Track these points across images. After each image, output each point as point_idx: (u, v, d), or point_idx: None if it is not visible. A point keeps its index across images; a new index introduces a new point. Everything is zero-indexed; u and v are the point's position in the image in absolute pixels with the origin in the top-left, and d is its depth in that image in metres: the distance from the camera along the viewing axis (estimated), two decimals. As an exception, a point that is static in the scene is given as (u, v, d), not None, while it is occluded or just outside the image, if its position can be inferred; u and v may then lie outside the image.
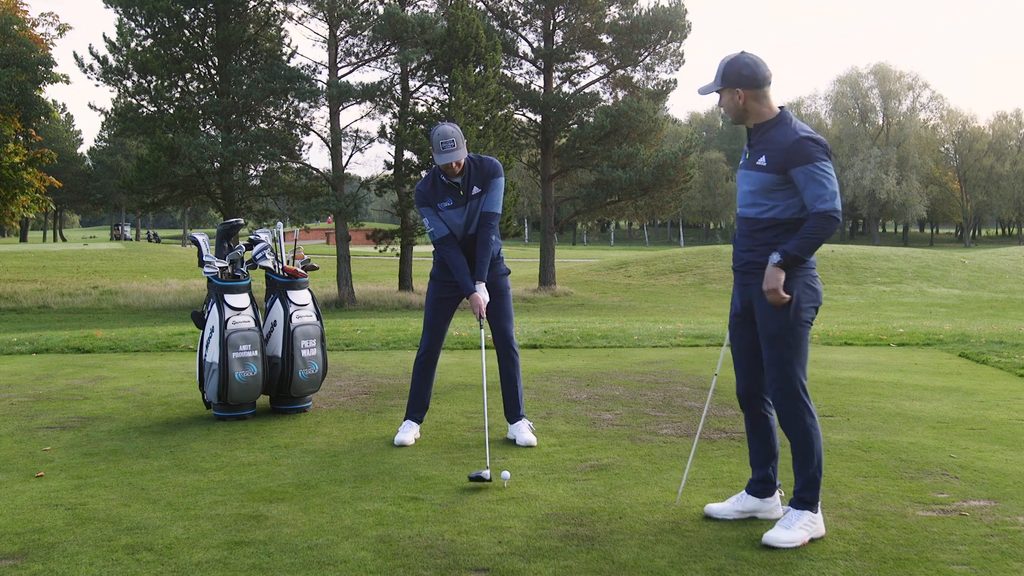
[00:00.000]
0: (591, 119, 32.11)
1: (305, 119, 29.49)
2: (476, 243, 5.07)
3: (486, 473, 4.24)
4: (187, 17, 28.27)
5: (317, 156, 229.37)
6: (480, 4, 31.80)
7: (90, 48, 28.39)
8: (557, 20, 32.55)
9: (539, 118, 33.03)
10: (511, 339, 5.24)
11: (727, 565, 3.25)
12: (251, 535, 3.58)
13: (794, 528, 3.45)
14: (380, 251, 31.43)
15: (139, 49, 28.11)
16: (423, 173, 27.56)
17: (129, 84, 28.69)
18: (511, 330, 5.25)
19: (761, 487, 3.76)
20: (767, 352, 3.56)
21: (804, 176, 3.40)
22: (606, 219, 63.25)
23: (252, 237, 6.22)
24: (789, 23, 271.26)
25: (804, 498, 3.52)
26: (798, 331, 3.50)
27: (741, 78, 3.51)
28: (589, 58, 33.59)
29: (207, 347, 5.76)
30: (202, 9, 28.27)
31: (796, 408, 3.53)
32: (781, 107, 3.57)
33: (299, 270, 6.19)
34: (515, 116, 32.11)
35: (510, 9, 32.93)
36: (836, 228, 3.42)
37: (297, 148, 29.47)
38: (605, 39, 32.62)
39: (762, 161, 3.51)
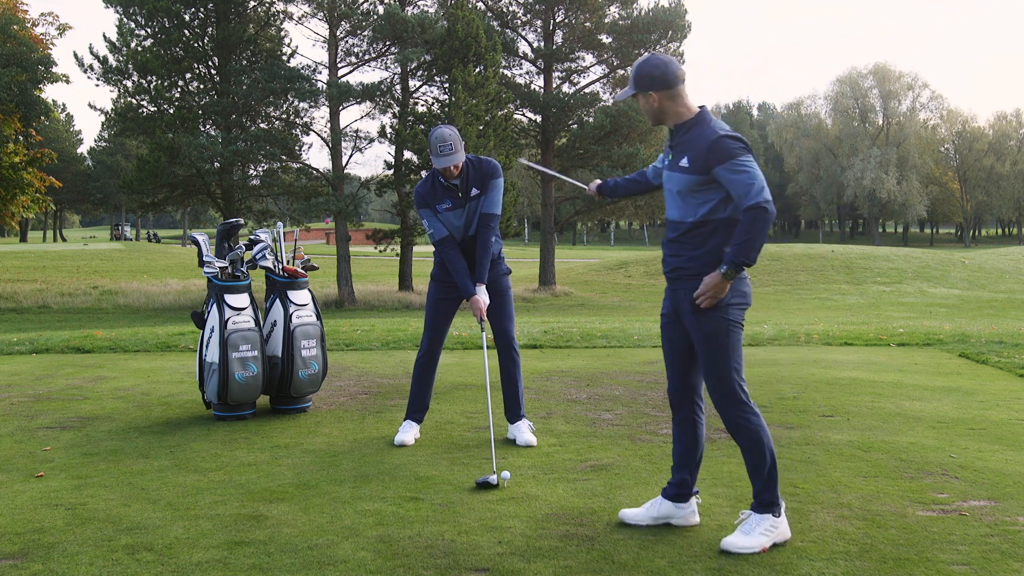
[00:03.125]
0: (591, 119, 32.12)
1: (305, 119, 29.52)
2: (476, 244, 5.07)
3: (493, 478, 4.22)
4: (187, 17, 28.26)
5: (317, 156, 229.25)
6: (480, 4, 31.80)
7: (90, 48, 28.42)
8: (557, 20, 32.55)
9: (539, 118, 33.04)
10: (512, 339, 5.24)
11: (727, 565, 3.25)
12: (251, 535, 3.58)
13: (754, 534, 3.40)
14: (380, 251, 31.44)
15: (139, 49, 28.11)
16: (423, 173, 27.55)
17: (129, 84, 28.69)
18: (512, 330, 5.25)
19: (677, 491, 3.67)
20: (702, 358, 3.51)
21: (727, 174, 3.36)
22: (606, 219, 63.25)
23: (252, 237, 6.22)
24: (789, 23, 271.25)
25: (763, 500, 3.47)
26: (730, 333, 3.45)
27: (653, 80, 3.47)
28: (589, 58, 33.62)
29: (207, 347, 5.76)
30: (202, 9, 28.27)
31: (738, 410, 3.48)
32: (701, 106, 3.53)
33: (299, 270, 6.19)
34: (515, 116, 32.13)
35: (510, 9, 32.94)
36: (771, 220, 3.35)
37: (297, 148, 29.49)
38: (605, 39, 32.62)
39: (684, 162, 3.47)
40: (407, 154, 28.05)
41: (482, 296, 4.99)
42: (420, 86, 30.09)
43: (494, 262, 5.19)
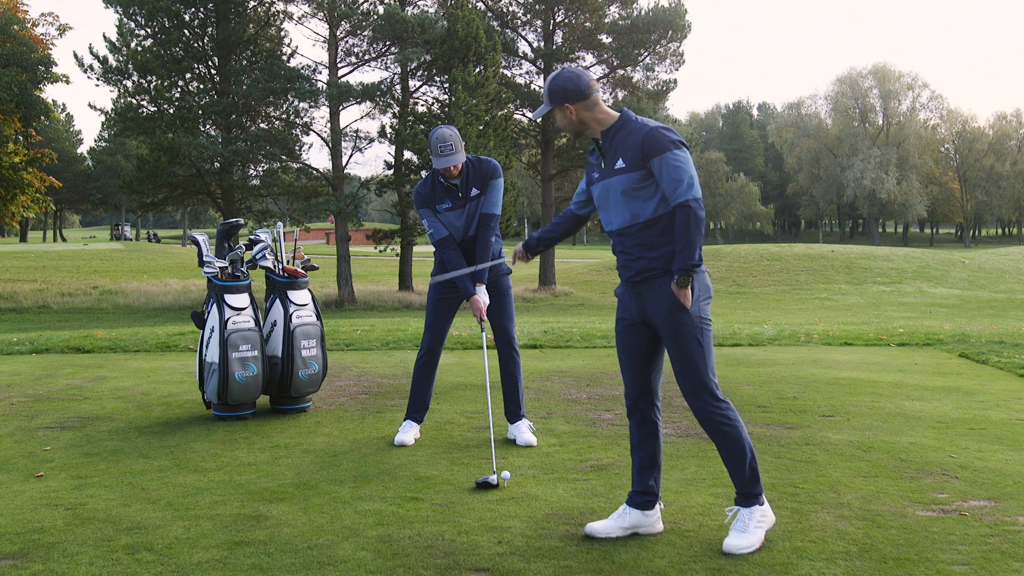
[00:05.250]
0: (591, 119, 32.07)
1: (305, 119, 29.51)
2: (476, 244, 5.08)
3: (493, 479, 4.22)
4: (187, 17, 28.27)
5: (317, 156, 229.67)
6: (480, 4, 31.81)
7: (90, 48, 28.41)
8: (557, 20, 32.56)
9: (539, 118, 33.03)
10: (512, 339, 5.24)
11: (727, 565, 3.25)
12: (251, 535, 3.58)
13: (749, 530, 3.40)
14: (380, 251, 31.43)
15: (139, 49, 28.11)
16: (423, 173, 27.55)
17: (129, 84, 28.70)
18: (512, 330, 5.25)
19: (644, 499, 3.61)
20: (676, 358, 3.47)
21: (660, 166, 3.35)
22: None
23: (252, 237, 6.23)
24: (789, 23, 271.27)
25: (748, 493, 3.48)
26: (701, 328, 3.44)
27: (567, 93, 3.46)
28: (589, 58, 33.61)
29: (207, 347, 5.76)
30: (202, 9, 28.27)
31: (712, 407, 3.46)
32: (621, 110, 3.53)
33: (299, 270, 6.19)
34: (515, 116, 32.12)
35: (510, 9, 32.94)
36: (703, 217, 3.34)
37: (297, 148, 29.48)
38: (605, 39, 32.63)
39: (620, 163, 3.44)
40: (407, 154, 28.05)
41: (482, 296, 4.99)
42: (420, 86, 30.10)
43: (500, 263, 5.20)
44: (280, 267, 6.14)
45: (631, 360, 3.64)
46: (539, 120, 32.90)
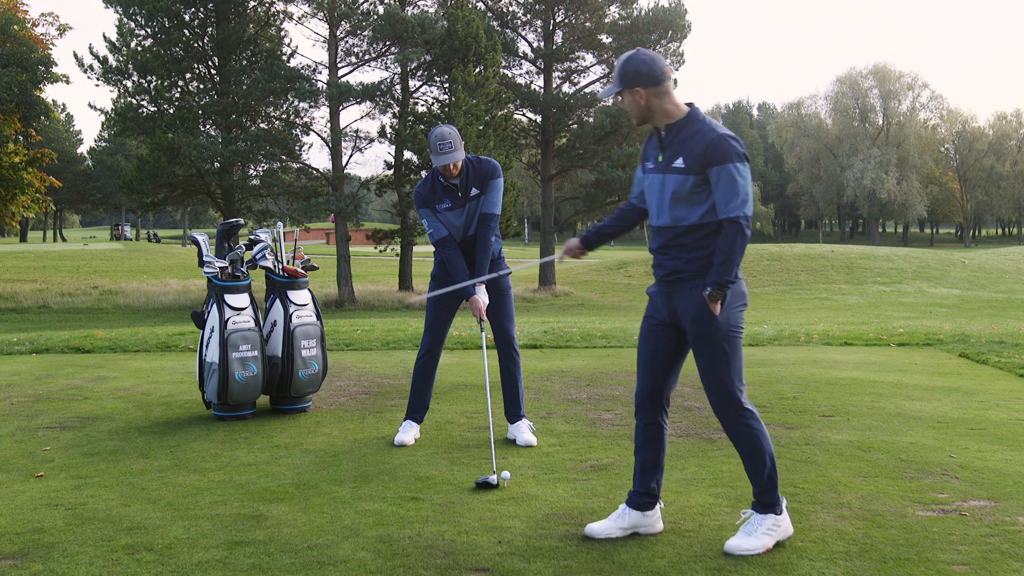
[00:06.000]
0: (591, 119, 32.13)
1: (305, 119, 29.52)
2: (475, 244, 5.08)
3: (493, 478, 4.22)
4: (187, 17, 28.28)
5: (317, 156, 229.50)
6: (480, 4, 31.81)
7: (90, 48, 28.42)
8: (557, 20, 32.56)
9: (539, 118, 33.05)
10: (512, 339, 5.24)
11: (727, 565, 3.25)
12: (251, 535, 3.58)
13: (757, 534, 3.38)
14: (380, 251, 31.43)
15: (139, 49, 28.12)
16: (423, 173, 27.55)
17: (129, 84, 28.71)
18: (512, 330, 5.25)
19: (645, 500, 3.59)
20: (702, 363, 3.43)
21: (719, 175, 3.27)
22: (606, 219, 63.17)
23: (252, 237, 6.23)
24: (789, 23, 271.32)
25: (764, 502, 3.45)
26: (731, 336, 3.39)
27: (640, 76, 3.33)
28: (589, 58, 33.64)
29: (207, 347, 5.76)
30: (202, 9, 28.28)
31: (737, 414, 3.43)
32: (689, 104, 3.42)
33: (299, 270, 6.19)
34: (515, 116, 32.14)
35: (510, 9, 32.94)
36: (748, 236, 3.27)
37: (297, 148, 29.48)
38: (605, 39, 32.63)
39: (679, 163, 3.35)
40: (407, 154, 28.05)
41: (481, 296, 4.99)
42: (420, 86, 30.11)
43: (494, 262, 5.20)
44: (280, 267, 6.14)
45: (650, 361, 3.59)
46: (539, 120, 32.94)
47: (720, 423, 3.51)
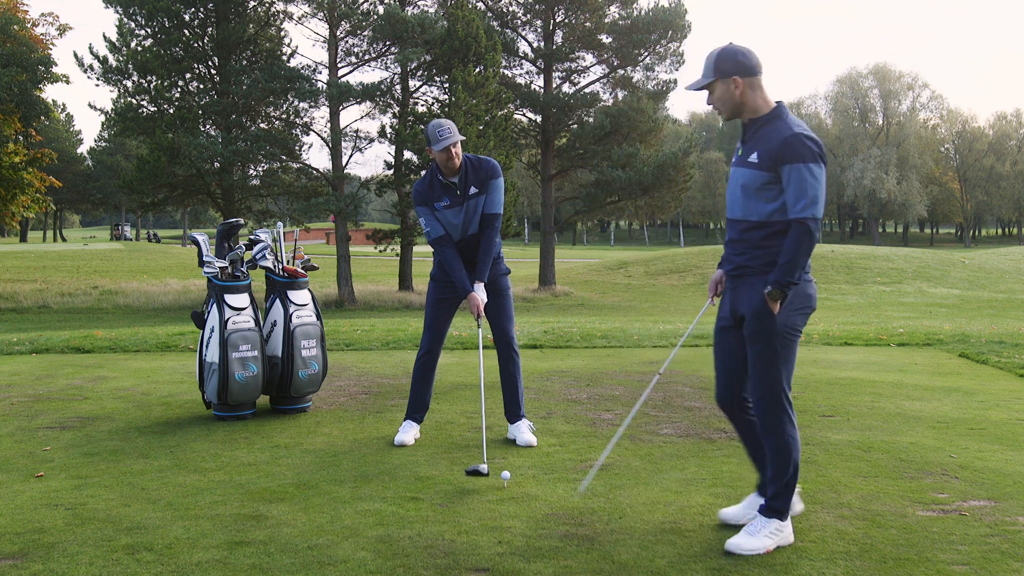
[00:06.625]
0: (591, 119, 32.11)
1: (305, 119, 29.50)
2: (476, 243, 5.08)
3: (484, 467, 4.24)
4: (187, 17, 28.26)
5: (317, 156, 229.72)
6: (480, 4, 31.79)
7: (90, 48, 28.41)
8: (557, 20, 32.54)
9: (539, 118, 33.03)
10: (512, 339, 5.24)
11: (727, 565, 3.25)
12: (251, 535, 3.58)
13: (759, 535, 3.38)
14: (380, 251, 31.42)
15: (139, 49, 28.11)
16: (423, 173, 27.49)
17: (129, 84, 28.70)
18: (512, 330, 5.25)
19: None
20: (752, 358, 3.43)
21: (791, 174, 3.25)
22: (606, 219, 63.22)
23: (252, 237, 6.23)
24: (789, 23, 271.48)
25: (774, 506, 3.45)
26: (786, 338, 3.38)
27: (738, 65, 3.33)
28: (589, 58, 33.59)
29: (207, 347, 5.76)
30: (202, 9, 28.27)
31: (778, 416, 3.42)
32: (778, 101, 3.42)
33: (299, 270, 6.19)
34: (515, 116, 32.11)
35: (510, 9, 32.92)
36: (816, 238, 3.25)
37: (297, 148, 29.47)
38: (605, 39, 32.60)
39: (754, 158, 3.35)
40: (407, 154, 28.04)
41: (480, 293, 5.01)
42: (420, 86, 30.09)
43: (494, 262, 5.20)
44: (280, 267, 6.14)
45: (726, 361, 3.62)
46: (539, 120, 32.93)
47: (759, 421, 3.49)
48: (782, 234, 3.33)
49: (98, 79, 28.39)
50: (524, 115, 33.70)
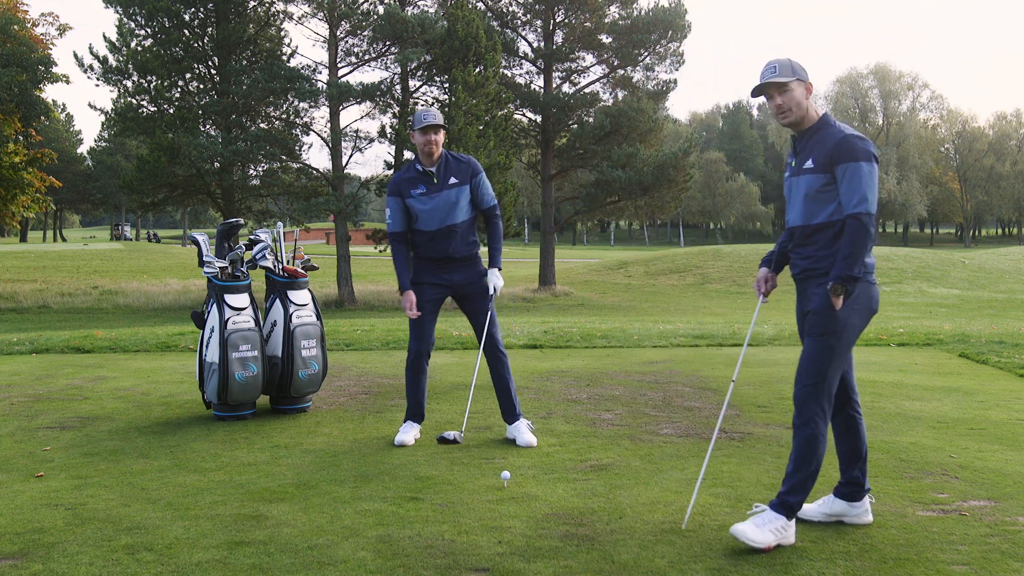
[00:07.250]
0: (591, 119, 32.11)
1: (305, 119, 29.50)
2: (453, 235, 5.13)
3: (450, 435, 4.57)
4: (187, 17, 28.26)
5: (317, 156, 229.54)
6: (480, 4, 31.79)
7: (90, 48, 28.42)
8: (557, 20, 32.54)
9: (539, 118, 33.02)
10: (498, 341, 5.26)
11: (727, 565, 3.25)
12: (251, 535, 3.58)
13: (764, 529, 3.38)
14: (380, 251, 31.40)
15: (139, 49, 28.11)
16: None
17: (129, 84, 28.70)
18: (497, 332, 5.27)
19: (849, 490, 3.67)
20: (807, 347, 3.52)
21: (845, 172, 3.40)
22: (606, 219, 63.24)
23: (252, 237, 6.23)
24: (789, 23, 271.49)
25: (787, 502, 3.45)
26: (843, 334, 3.46)
27: (806, 74, 3.57)
28: (589, 58, 33.58)
29: (207, 347, 5.76)
30: (202, 9, 28.27)
31: (815, 410, 3.46)
32: (822, 114, 3.60)
33: (299, 270, 6.19)
34: (515, 116, 32.10)
35: (510, 9, 32.92)
36: (871, 233, 3.37)
37: (297, 148, 29.47)
38: (605, 39, 32.60)
39: (809, 164, 3.51)
40: (407, 154, 28.04)
41: (494, 279, 5.17)
42: (420, 86, 30.10)
43: (475, 262, 5.27)
44: (280, 267, 6.14)
45: None
46: (539, 120, 32.90)
47: (795, 412, 3.53)
48: (841, 234, 3.46)
49: (98, 79, 28.40)
50: (524, 115, 33.70)
